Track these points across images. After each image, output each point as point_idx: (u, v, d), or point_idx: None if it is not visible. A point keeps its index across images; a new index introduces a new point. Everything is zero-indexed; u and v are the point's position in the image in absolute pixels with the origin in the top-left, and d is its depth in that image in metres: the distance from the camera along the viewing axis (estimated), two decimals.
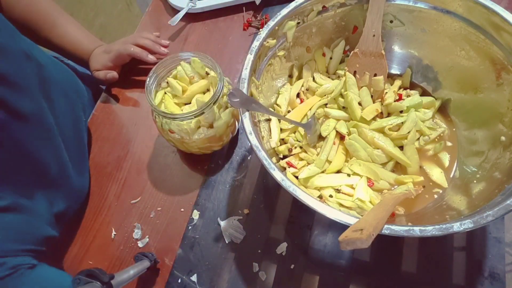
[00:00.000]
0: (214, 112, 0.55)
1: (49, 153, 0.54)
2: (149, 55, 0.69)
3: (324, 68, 0.64)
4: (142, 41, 0.70)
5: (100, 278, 0.43)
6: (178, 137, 0.56)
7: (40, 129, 0.52)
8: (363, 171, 0.54)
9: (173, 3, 0.80)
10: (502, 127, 0.50)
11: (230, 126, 0.59)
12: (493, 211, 0.38)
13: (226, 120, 0.56)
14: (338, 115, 0.59)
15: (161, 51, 0.70)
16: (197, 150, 0.60)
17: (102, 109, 0.72)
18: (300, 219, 0.57)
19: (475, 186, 0.49)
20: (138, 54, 0.68)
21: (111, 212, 0.61)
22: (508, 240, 0.53)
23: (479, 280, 0.51)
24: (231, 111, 0.57)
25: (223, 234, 0.57)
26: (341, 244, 0.34)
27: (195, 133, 0.55)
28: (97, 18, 1.49)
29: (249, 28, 0.79)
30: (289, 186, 0.41)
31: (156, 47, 0.70)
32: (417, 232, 0.37)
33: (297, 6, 0.54)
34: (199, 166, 0.64)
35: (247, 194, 0.60)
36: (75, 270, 0.57)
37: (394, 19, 0.58)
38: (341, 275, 0.53)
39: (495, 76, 0.51)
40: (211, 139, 0.57)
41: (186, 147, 0.59)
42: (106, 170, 0.65)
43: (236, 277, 0.54)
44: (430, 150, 0.57)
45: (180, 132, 0.55)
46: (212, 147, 0.60)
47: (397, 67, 0.63)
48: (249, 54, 0.51)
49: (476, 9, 0.50)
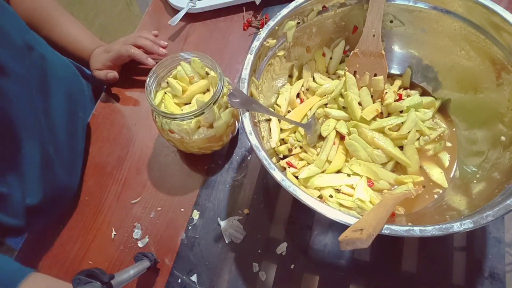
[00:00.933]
0: (214, 112, 0.55)
1: (32, 145, 0.54)
2: (149, 58, 0.69)
3: (324, 68, 0.64)
4: (142, 41, 0.70)
5: (100, 278, 0.43)
6: (178, 137, 0.56)
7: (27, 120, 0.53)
8: (363, 171, 0.54)
9: (173, 3, 0.80)
10: (502, 127, 0.50)
11: (230, 126, 0.59)
12: (493, 211, 0.38)
13: (226, 120, 0.56)
14: (338, 115, 0.59)
15: (160, 52, 0.71)
16: (197, 150, 0.60)
17: (102, 109, 0.72)
18: (300, 219, 0.57)
19: (475, 186, 0.49)
20: (138, 56, 0.69)
21: (111, 212, 0.61)
22: (508, 240, 0.53)
23: (479, 280, 0.51)
24: (231, 111, 0.57)
25: (223, 234, 0.57)
26: (341, 244, 0.34)
27: (195, 133, 0.55)
28: (97, 18, 1.49)
29: (249, 28, 0.79)
30: (289, 186, 0.41)
31: (155, 48, 0.70)
32: (417, 232, 0.37)
33: (297, 6, 0.54)
34: (199, 166, 0.64)
35: (247, 194, 0.60)
36: (75, 270, 0.57)
37: (394, 19, 0.58)
38: (341, 275, 0.53)
39: (495, 76, 0.51)
40: (211, 139, 0.57)
41: (186, 147, 0.59)
42: (106, 170, 0.65)
43: (236, 277, 0.54)
44: (430, 150, 0.57)
45: (180, 132, 0.55)
46: (212, 147, 0.60)
47: (397, 67, 0.63)
48: (249, 54, 0.51)
49: (476, 9, 0.50)
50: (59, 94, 0.60)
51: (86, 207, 0.62)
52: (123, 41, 0.71)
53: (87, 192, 0.63)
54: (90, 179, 0.65)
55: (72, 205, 0.62)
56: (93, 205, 0.62)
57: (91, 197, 0.63)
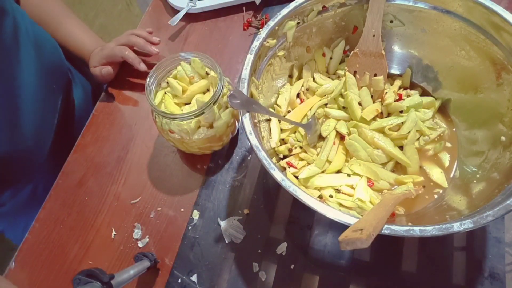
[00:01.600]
0: (214, 112, 0.55)
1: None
2: (141, 63, 0.69)
3: (324, 68, 0.64)
4: (134, 39, 0.70)
5: (100, 278, 0.43)
6: (178, 137, 0.56)
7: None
8: (363, 171, 0.54)
9: (173, 3, 0.80)
10: (502, 127, 0.50)
11: (230, 126, 0.59)
12: (493, 211, 0.38)
13: (226, 120, 0.56)
14: (338, 115, 0.59)
15: (152, 51, 0.70)
16: (197, 150, 0.60)
17: (102, 109, 0.72)
18: (300, 219, 0.57)
19: (475, 186, 0.49)
20: (130, 59, 0.69)
21: (111, 212, 0.61)
22: (508, 240, 0.53)
23: (479, 280, 0.51)
24: (231, 111, 0.57)
25: (223, 234, 0.57)
26: (341, 244, 0.34)
27: (195, 133, 0.55)
28: (97, 18, 1.49)
29: (249, 28, 0.79)
30: (289, 186, 0.41)
31: (147, 47, 0.70)
32: (417, 232, 0.37)
33: (297, 6, 0.54)
34: (199, 166, 0.64)
35: (247, 194, 0.60)
36: (75, 270, 0.57)
37: (394, 19, 0.58)
38: (341, 275, 0.53)
39: (495, 76, 0.51)
40: (211, 139, 0.57)
41: (186, 147, 0.59)
42: (106, 170, 0.65)
43: (236, 277, 0.54)
44: (430, 150, 0.57)
45: (180, 132, 0.55)
46: (212, 147, 0.60)
47: (397, 67, 0.63)
48: (249, 54, 0.51)
49: (476, 9, 0.50)
50: (29, 58, 0.62)
51: (86, 207, 0.62)
52: (116, 40, 0.71)
53: (87, 192, 0.63)
54: (90, 179, 0.65)
55: (72, 205, 0.62)
56: (93, 205, 0.62)
57: (91, 197, 0.63)
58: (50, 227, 0.61)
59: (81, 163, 0.66)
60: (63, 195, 0.63)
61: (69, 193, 0.64)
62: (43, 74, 0.66)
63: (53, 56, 0.71)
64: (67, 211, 0.62)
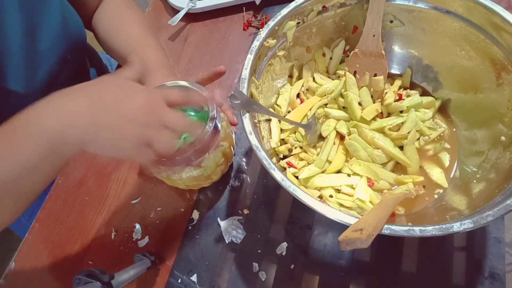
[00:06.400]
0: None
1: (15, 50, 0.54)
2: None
3: (324, 68, 0.64)
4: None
5: (100, 278, 0.43)
6: (164, 175, 0.52)
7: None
8: (363, 171, 0.54)
9: (173, 3, 0.80)
10: (502, 127, 0.50)
11: (220, 165, 0.54)
12: (493, 211, 0.38)
13: (215, 160, 0.52)
14: (338, 115, 0.59)
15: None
16: (183, 187, 0.57)
17: None
18: (300, 219, 0.57)
19: (475, 186, 0.49)
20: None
21: (111, 212, 0.61)
22: (508, 240, 0.53)
23: (479, 280, 0.51)
24: (221, 150, 0.52)
25: (223, 234, 0.57)
26: (341, 244, 0.34)
27: (182, 172, 0.51)
28: None
29: (249, 28, 0.79)
30: (289, 186, 0.41)
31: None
32: (417, 232, 0.37)
33: (297, 6, 0.54)
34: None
35: (247, 194, 0.60)
36: (75, 270, 0.57)
37: (394, 19, 0.58)
38: (341, 275, 0.53)
39: (495, 76, 0.51)
40: (198, 178, 0.53)
41: (173, 184, 0.55)
42: (106, 170, 0.65)
43: (236, 277, 0.54)
44: (430, 150, 0.57)
45: (166, 170, 0.51)
46: (200, 184, 0.57)
47: (397, 67, 0.63)
48: (249, 54, 0.51)
49: (476, 9, 0.50)
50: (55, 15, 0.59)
51: (86, 207, 0.62)
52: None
53: (87, 192, 0.63)
54: (90, 179, 0.65)
55: (72, 205, 0.62)
56: (93, 205, 0.62)
57: (91, 197, 0.63)
58: (50, 227, 0.61)
59: (81, 163, 0.66)
60: (63, 195, 0.63)
61: (69, 193, 0.64)
62: (63, 40, 0.62)
63: (76, 30, 0.66)
64: (67, 211, 0.62)
